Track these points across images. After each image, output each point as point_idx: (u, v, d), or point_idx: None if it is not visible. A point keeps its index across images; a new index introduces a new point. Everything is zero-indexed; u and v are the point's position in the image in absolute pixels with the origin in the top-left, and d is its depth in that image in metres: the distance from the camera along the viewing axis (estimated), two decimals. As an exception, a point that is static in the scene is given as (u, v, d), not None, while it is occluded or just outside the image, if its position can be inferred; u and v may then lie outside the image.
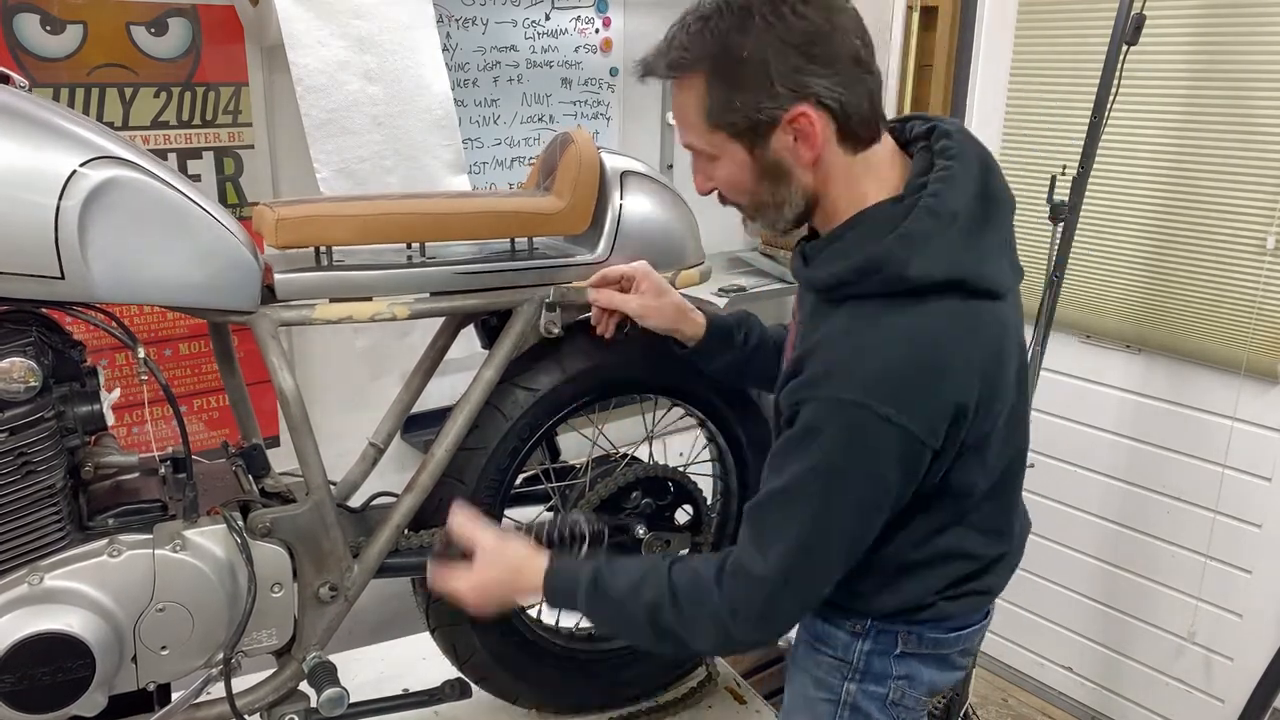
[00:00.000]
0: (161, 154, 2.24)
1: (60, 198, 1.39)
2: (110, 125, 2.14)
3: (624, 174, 1.88)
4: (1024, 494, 2.50)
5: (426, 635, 2.07)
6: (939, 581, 1.53)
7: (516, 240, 1.85)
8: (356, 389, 2.61)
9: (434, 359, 2.05)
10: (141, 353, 1.52)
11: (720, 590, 1.44)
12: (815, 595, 1.46)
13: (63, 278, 1.41)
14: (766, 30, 1.32)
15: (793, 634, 1.66)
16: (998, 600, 1.67)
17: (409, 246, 1.80)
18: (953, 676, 1.66)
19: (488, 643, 2.02)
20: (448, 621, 1.99)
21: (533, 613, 2.14)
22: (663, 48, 1.43)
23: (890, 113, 3.34)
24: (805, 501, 1.38)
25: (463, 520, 1.63)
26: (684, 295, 1.84)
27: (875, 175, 1.42)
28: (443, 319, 2.03)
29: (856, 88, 1.37)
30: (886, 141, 1.45)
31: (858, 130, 1.39)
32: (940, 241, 1.34)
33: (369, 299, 1.70)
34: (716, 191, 1.50)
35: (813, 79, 1.34)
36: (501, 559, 1.59)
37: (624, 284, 1.81)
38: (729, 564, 1.45)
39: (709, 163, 1.46)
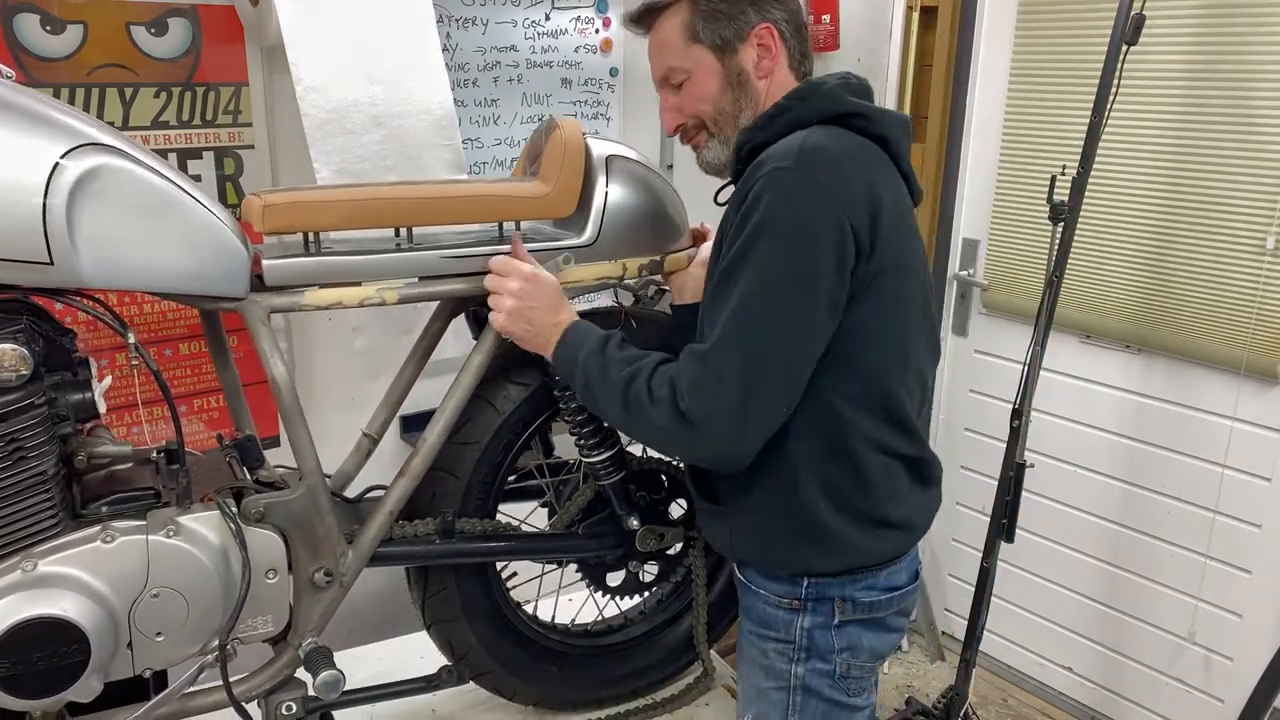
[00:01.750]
0: (162, 154, 2.25)
1: (47, 185, 1.40)
2: (110, 125, 2.16)
3: (609, 158, 1.90)
4: (1024, 494, 2.51)
5: (424, 634, 2.07)
6: (867, 475, 1.65)
7: (504, 224, 1.86)
8: (356, 389, 2.62)
9: (426, 347, 2.06)
10: (131, 338, 1.53)
11: (680, 368, 1.59)
12: (762, 377, 1.55)
13: (52, 264, 1.42)
14: None
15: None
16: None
17: (397, 233, 1.82)
18: (892, 640, 1.79)
19: (484, 638, 2.02)
20: (444, 617, 2.00)
21: (529, 609, 2.14)
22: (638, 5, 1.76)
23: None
24: (752, 274, 1.54)
25: (522, 253, 1.80)
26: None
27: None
28: (434, 307, 2.05)
29: (797, 22, 1.73)
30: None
31: (800, 58, 1.74)
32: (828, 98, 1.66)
33: (358, 284, 1.72)
34: (681, 130, 1.78)
35: (774, 7, 1.70)
36: (551, 290, 1.77)
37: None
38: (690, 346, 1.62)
39: (681, 87, 1.74)
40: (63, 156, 1.41)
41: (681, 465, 2.15)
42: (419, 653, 2.27)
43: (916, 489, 1.74)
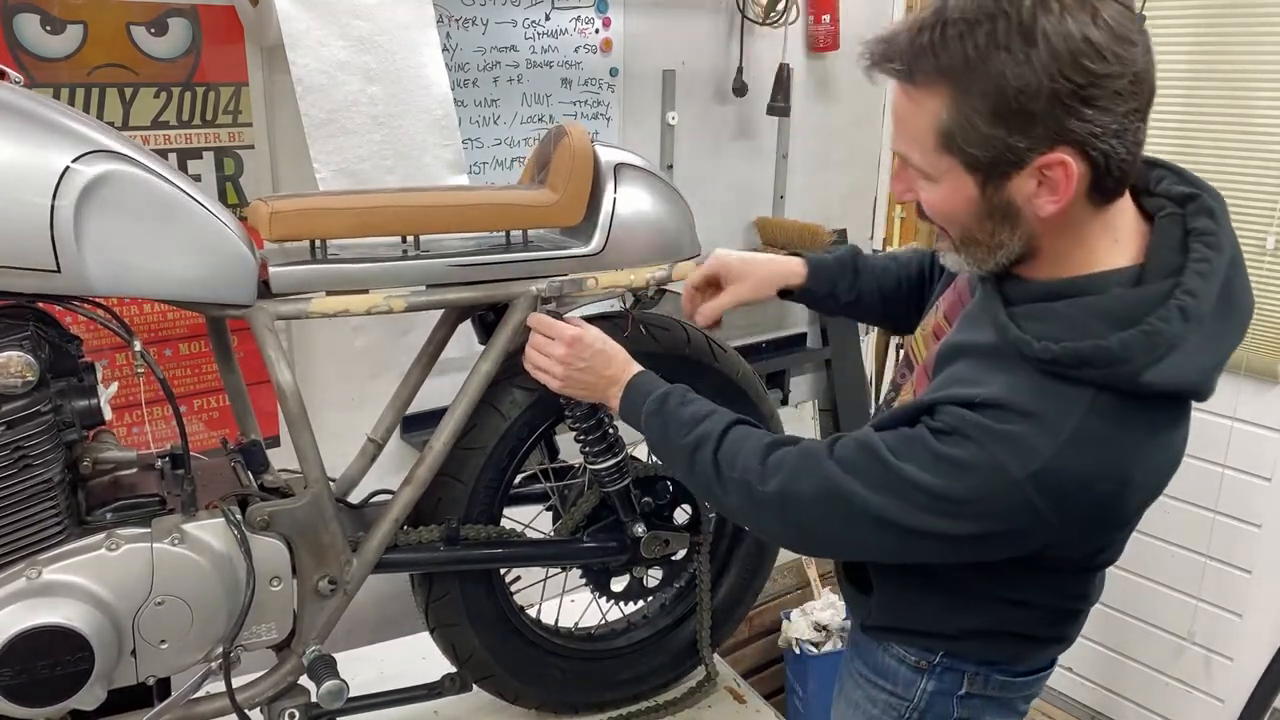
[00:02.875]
0: (162, 154, 2.23)
1: (55, 192, 1.39)
2: (110, 125, 2.14)
3: (618, 166, 1.89)
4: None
5: (426, 635, 2.07)
6: (1019, 621, 1.46)
7: (511, 233, 1.85)
8: (356, 389, 2.62)
9: (432, 353, 2.06)
10: (138, 345, 1.52)
11: (769, 453, 1.42)
12: (834, 545, 1.44)
13: (59, 272, 1.41)
14: (1048, 60, 1.12)
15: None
16: None
17: (404, 240, 1.80)
18: None
19: (487, 642, 2.02)
20: (447, 621, 1.99)
21: (532, 612, 2.14)
22: (904, 38, 1.22)
23: (889, 113, 3.33)
24: (895, 490, 1.28)
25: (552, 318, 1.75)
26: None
27: (1111, 235, 1.26)
28: (440, 313, 2.04)
29: (1127, 137, 1.17)
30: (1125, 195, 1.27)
31: (1113, 185, 1.22)
32: (1185, 349, 1.18)
33: (365, 292, 1.71)
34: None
35: (1083, 124, 1.15)
36: (605, 346, 1.70)
37: (709, 281, 1.84)
38: (801, 442, 1.42)
39: (922, 180, 1.29)
40: (71, 163, 1.40)
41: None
42: (421, 654, 2.26)
43: (1085, 615, 1.56)
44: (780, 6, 3.07)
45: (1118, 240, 1.26)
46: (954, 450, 1.24)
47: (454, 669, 2.04)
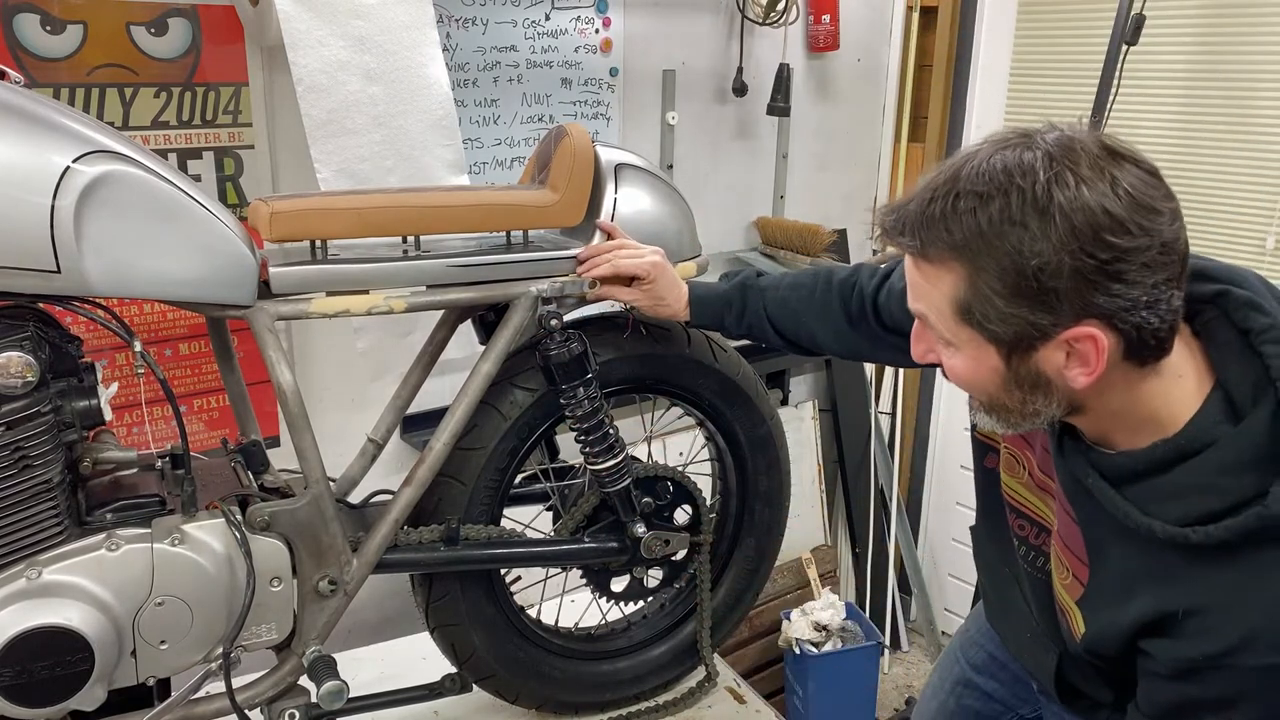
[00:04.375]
0: (162, 154, 2.24)
1: (55, 193, 1.39)
2: (110, 125, 2.14)
3: (619, 166, 1.89)
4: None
5: (426, 635, 2.06)
6: None
7: (512, 233, 1.85)
8: (357, 389, 2.62)
9: (432, 354, 2.06)
10: (138, 346, 1.52)
11: None
12: None
13: (59, 272, 1.41)
14: (1066, 235, 1.05)
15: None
16: None
17: (404, 240, 1.80)
18: None
19: (487, 642, 2.02)
20: (447, 621, 1.99)
21: (532, 612, 2.14)
22: (914, 208, 1.15)
23: (889, 113, 3.31)
24: None
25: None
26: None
27: (1173, 372, 1.18)
28: (440, 314, 2.04)
29: (1160, 307, 1.09)
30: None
31: (1151, 352, 1.13)
32: None
33: (365, 292, 1.71)
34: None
35: (1110, 298, 1.07)
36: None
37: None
38: None
39: (943, 345, 1.22)
40: (72, 163, 1.40)
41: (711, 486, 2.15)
42: (421, 654, 2.26)
43: None
44: (780, 6, 3.07)
45: (1181, 375, 1.17)
46: (1210, 695, 1.18)
47: (454, 669, 2.04)
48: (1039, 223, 1.06)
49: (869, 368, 3.78)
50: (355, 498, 2.02)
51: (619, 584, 2.15)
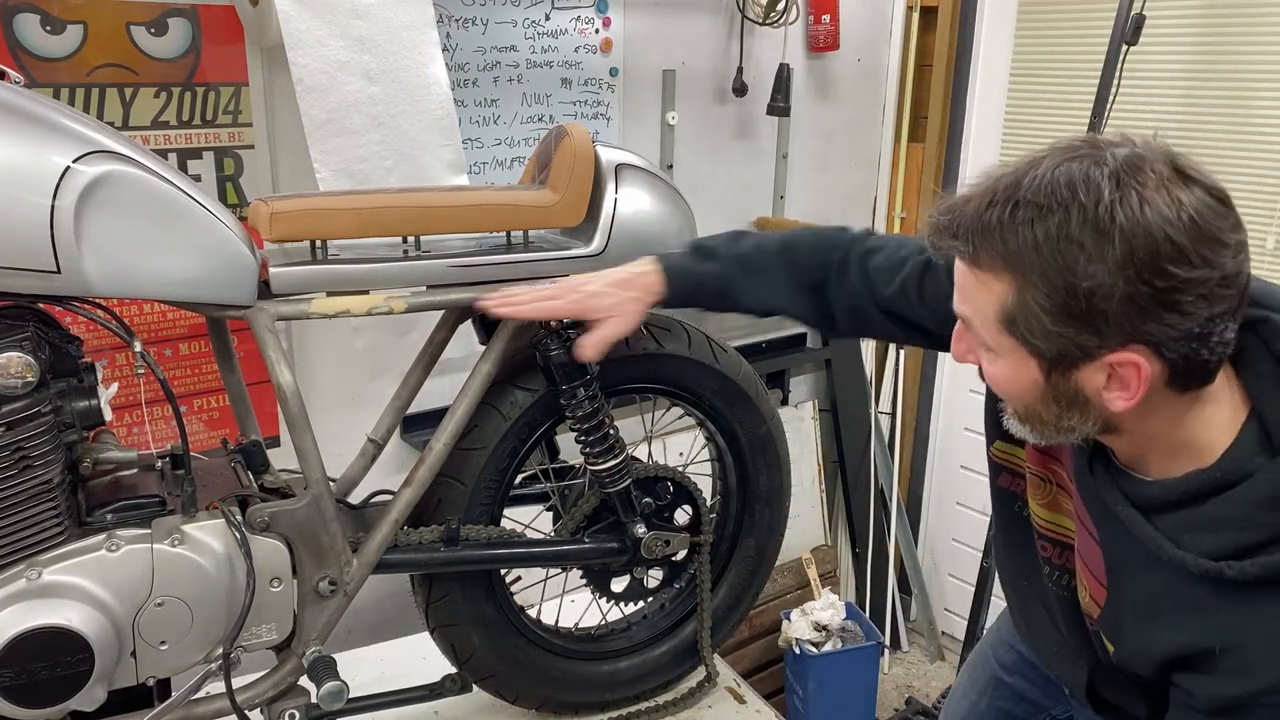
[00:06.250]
0: (162, 154, 2.24)
1: (55, 193, 1.39)
2: (110, 125, 2.14)
3: (619, 166, 1.89)
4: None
5: (426, 635, 2.06)
6: None
7: (512, 234, 1.85)
8: (356, 388, 2.62)
9: (432, 354, 2.05)
10: (138, 346, 1.52)
11: None
12: None
13: (59, 272, 1.41)
14: (1124, 260, 1.03)
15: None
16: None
17: (404, 240, 1.80)
18: None
19: (487, 643, 2.01)
20: (447, 622, 1.99)
21: (532, 613, 2.14)
22: (970, 210, 1.13)
23: (889, 113, 3.31)
24: None
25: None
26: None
27: (1211, 400, 1.15)
28: (440, 314, 2.04)
29: (1212, 339, 1.07)
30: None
31: (1195, 381, 1.11)
32: None
33: (365, 292, 1.71)
34: None
35: (1161, 327, 1.05)
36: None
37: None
38: None
39: (984, 350, 1.21)
40: (72, 163, 1.40)
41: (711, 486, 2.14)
42: (421, 654, 2.26)
43: None
44: (780, 6, 3.07)
45: (1218, 402, 1.15)
46: None
47: (454, 669, 2.04)
48: (1096, 243, 1.03)
49: (869, 368, 3.78)
50: (355, 498, 2.02)
51: (619, 584, 2.15)
